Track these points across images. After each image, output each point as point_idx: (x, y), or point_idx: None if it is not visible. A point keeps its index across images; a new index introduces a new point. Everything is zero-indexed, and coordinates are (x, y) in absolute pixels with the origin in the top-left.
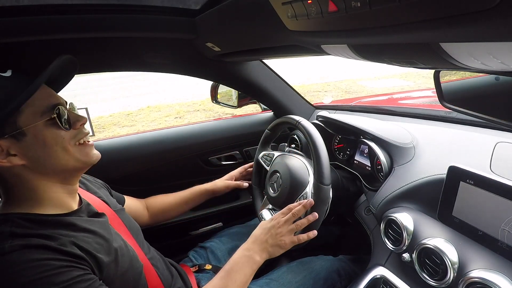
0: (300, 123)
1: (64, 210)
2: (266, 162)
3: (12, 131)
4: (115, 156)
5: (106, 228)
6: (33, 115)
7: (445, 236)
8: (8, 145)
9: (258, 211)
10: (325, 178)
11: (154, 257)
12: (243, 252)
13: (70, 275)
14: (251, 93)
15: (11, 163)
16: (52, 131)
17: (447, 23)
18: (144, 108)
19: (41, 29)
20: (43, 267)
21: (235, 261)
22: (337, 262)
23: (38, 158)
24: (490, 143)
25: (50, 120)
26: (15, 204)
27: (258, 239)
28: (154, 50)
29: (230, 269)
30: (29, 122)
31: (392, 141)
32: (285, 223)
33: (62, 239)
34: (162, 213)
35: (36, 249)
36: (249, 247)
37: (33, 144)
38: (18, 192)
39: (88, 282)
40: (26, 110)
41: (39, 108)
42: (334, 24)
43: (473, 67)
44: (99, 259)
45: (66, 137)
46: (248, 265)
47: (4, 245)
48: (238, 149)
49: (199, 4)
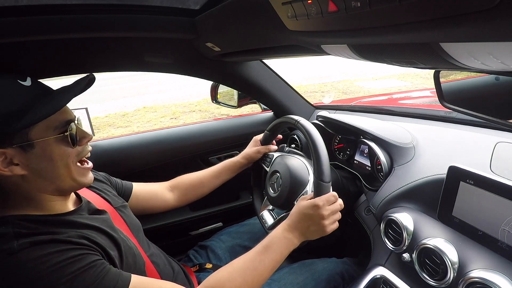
0: (299, 122)
1: (61, 211)
2: (265, 163)
3: (21, 142)
4: (115, 156)
5: (109, 224)
6: (46, 129)
7: (445, 236)
8: (13, 154)
9: (259, 212)
10: (325, 175)
11: (154, 254)
12: (283, 234)
13: (83, 262)
14: (251, 93)
15: (11, 172)
16: (60, 147)
17: (447, 23)
18: (140, 108)
19: (41, 29)
20: (55, 259)
21: (275, 238)
22: (340, 265)
23: (39, 171)
24: (490, 143)
25: (61, 136)
26: (11, 207)
27: (300, 224)
28: (154, 50)
29: (268, 246)
30: (40, 135)
31: (392, 141)
32: (332, 213)
33: (69, 233)
34: (193, 190)
35: (46, 244)
36: (291, 229)
37: (38, 157)
38: (14, 197)
39: (102, 266)
40: (40, 123)
41: (53, 123)
42: (334, 24)
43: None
44: (108, 252)
45: (71, 154)
46: (286, 246)
47: (11, 244)
48: (238, 149)
49: (199, 4)
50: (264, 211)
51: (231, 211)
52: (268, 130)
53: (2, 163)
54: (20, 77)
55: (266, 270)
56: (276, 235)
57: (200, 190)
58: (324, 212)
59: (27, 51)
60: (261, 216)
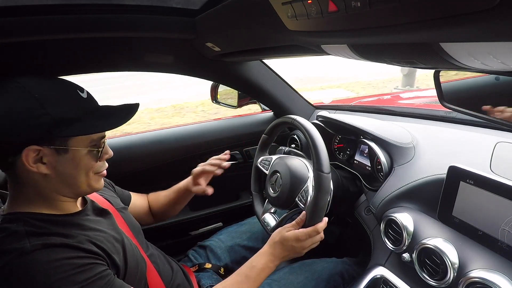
0: (296, 119)
1: (70, 211)
2: (265, 167)
3: (60, 145)
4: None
5: (114, 227)
6: (84, 140)
7: (445, 236)
8: (46, 154)
9: (260, 217)
10: (324, 166)
11: (153, 254)
12: (267, 264)
13: (92, 272)
14: (251, 93)
15: (38, 169)
16: (88, 158)
17: (447, 23)
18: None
19: (41, 29)
20: (66, 266)
21: (256, 268)
22: (340, 265)
23: (63, 175)
24: (490, 143)
25: (94, 151)
26: (23, 203)
27: (282, 254)
28: (154, 50)
29: (249, 275)
30: (78, 145)
31: (392, 141)
32: (312, 243)
33: (79, 237)
34: (164, 213)
35: (57, 248)
36: (275, 259)
37: (67, 162)
38: (27, 193)
39: (108, 277)
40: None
41: (91, 137)
42: (334, 24)
43: (473, 67)
44: (113, 258)
45: (94, 166)
46: (265, 274)
47: (24, 244)
48: (238, 149)
49: (199, 4)
50: (266, 214)
51: (231, 211)
52: (266, 133)
53: (33, 159)
54: (79, 88)
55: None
56: (260, 265)
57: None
58: (305, 244)
59: (27, 52)
60: (263, 219)
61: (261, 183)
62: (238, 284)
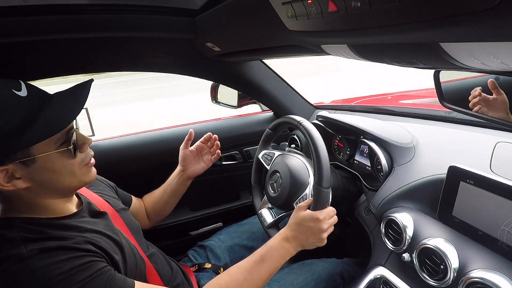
0: (302, 124)
1: (65, 213)
2: (266, 161)
3: (23, 158)
4: (114, 156)
5: (111, 227)
6: (48, 143)
7: (445, 236)
8: (15, 169)
9: (258, 210)
10: (324, 181)
11: (153, 254)
12: (281, 243)
13: (92, 269)
14: (251, 93)
15: (14, 186)
16: (63, 159)
17: (447, 23)
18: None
19: (41, 29)
20: (64, 268)
21: (273, 248)
22: (340, 265)
23: (43, 182)
24: (490, 143)
25: (64, 149)
26: (16, 210)
27: (300, 235)
28: (154, 50)
29: (266, 255)
30: (42, 150)
31: (392, 141)
32: (331, 226)
33: (76, 239)
34: (157, 214)
35: (54, 251)
36: (290, 240)
37: (41, 170)
38: (17, 203)
39: (108, 272)
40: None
41: (54, 137)
42: (334, 24)
43: (473, 67)
44: (112, 256)
45: (75, 163)
46: (283, 256)
47: (20, 250)
48: (238, 149)
49: (199, 4)
50: (263, 209)
51: (231, 211)
52: (270, 129)
53: (4, 179)
54: (14, 86)
55: (262, 279)
56: (274, 245)
57: (164, 212)
58: (324, 225)
59: (27, 51)
60: (260, 213)
61: (262, 175)
62: (253, 263)
